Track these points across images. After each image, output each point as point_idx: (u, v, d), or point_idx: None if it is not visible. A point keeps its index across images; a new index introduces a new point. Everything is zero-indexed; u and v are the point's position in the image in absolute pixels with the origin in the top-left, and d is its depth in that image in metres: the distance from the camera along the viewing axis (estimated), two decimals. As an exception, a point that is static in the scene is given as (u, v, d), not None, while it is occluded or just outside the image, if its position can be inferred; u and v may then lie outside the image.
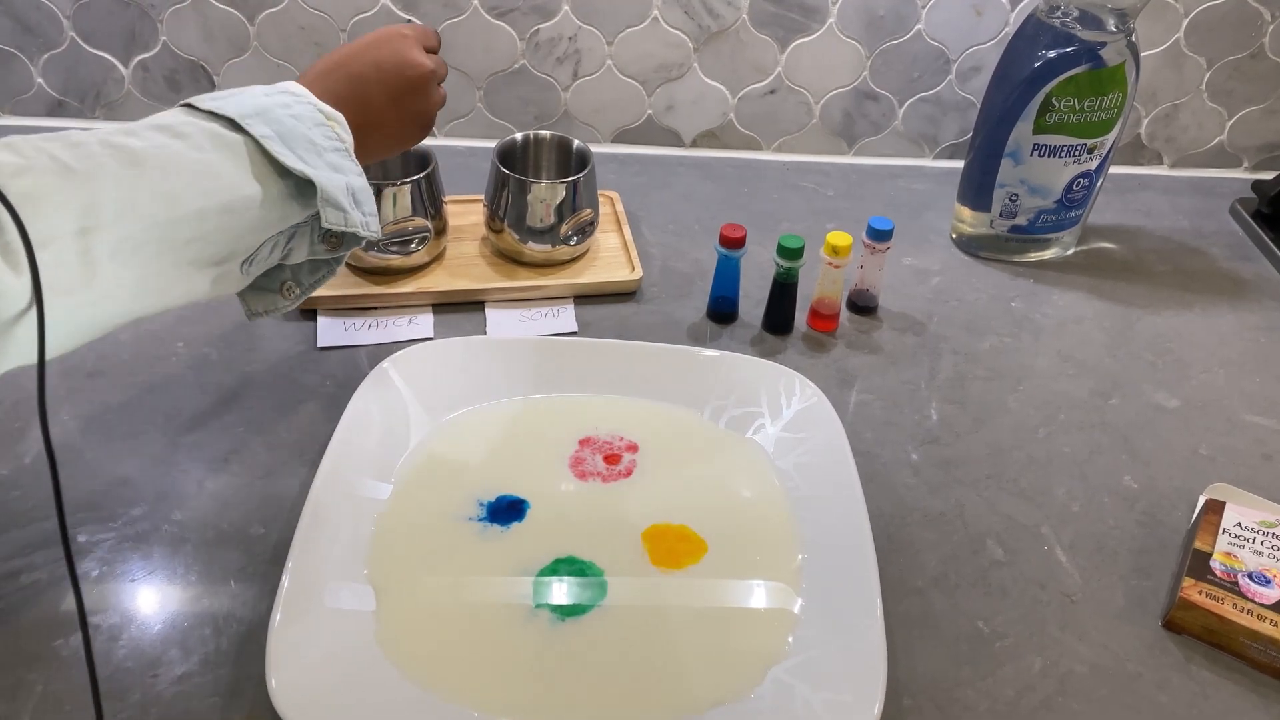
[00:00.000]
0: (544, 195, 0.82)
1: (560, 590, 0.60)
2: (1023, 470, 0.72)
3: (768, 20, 0.99)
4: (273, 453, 0.69)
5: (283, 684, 0.51)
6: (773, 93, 1.04)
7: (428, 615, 0.58)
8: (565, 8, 0.98)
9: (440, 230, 0.84)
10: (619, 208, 0.94)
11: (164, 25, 0.97)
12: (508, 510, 0.65)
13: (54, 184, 0.46)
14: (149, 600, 0.59)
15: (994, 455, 0.73)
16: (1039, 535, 0.67)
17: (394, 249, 0.81)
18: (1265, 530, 0.64)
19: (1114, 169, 1.00)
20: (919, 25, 1.00)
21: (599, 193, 0.89)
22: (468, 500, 0.65)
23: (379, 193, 0.79)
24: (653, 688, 0.55)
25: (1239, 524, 0.64)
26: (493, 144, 0.86)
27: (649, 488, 0.67)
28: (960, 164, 0.95)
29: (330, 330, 0.79)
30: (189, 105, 0.54)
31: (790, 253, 0.78)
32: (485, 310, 0.82)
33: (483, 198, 0.87)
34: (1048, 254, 0.95)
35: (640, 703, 0.55)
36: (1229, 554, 0.62)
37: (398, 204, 0.79)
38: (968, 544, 0.66)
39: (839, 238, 0.79)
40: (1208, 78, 1.05)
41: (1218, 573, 0.61)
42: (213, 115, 0.54)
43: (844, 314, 0.85)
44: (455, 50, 1.00)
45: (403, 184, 0.79)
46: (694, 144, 1.08)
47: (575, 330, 0.81)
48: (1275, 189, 1.00)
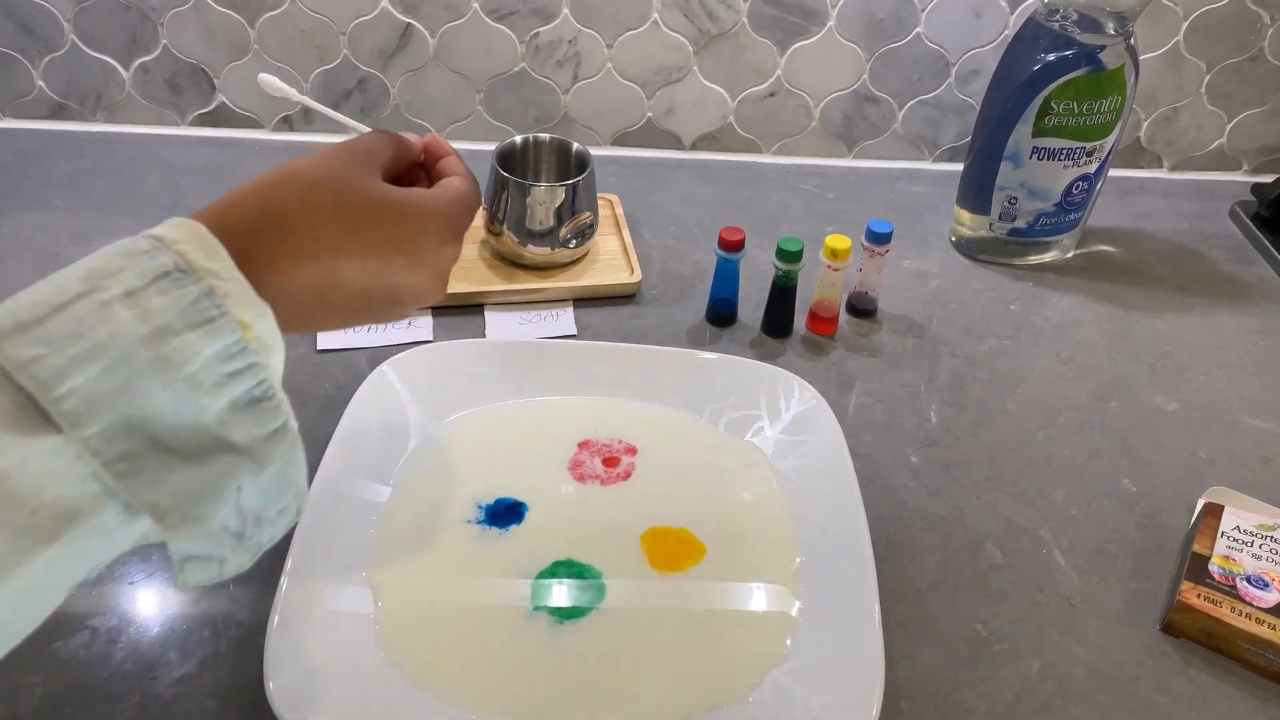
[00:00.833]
0: (543, 198, 0.82)
1: (559, 593, 0.60)
2: (1022, 473, 0.72)
3: (767, 23, 0.99)
4: (272, 455, 0.69)
5: (281, 686, 0.51)
6: (772, 95, 1.04)
7: (426, 618, 0.58)
8: (565, 11, 0.98)
9: (440, 233, 0.84)
10: (618, 210, 0.94)
11: (164, 28, 0.97)
12: (506, 513, 0.65)
13: None
14: (147, 603, 0.59)
15: (993, 458, 0.73)
16: (1038, 538, 0.67)
17: (393, 252, 0.81)
18: (1264, 534, 0.64)
19: (1114, 172, 1.00)
20: (918, 28, 1.00)
21: (599, 195, 0.89)
22: (466, 503, 0.65)
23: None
24: (651, 690, 0.55)
25: (1237, 527, 0.64)
26: (492, 147, 0.86)
27: (648, 490, 0.67)
28: (960, 167, 0.95)
29: (329, 333, 0.79)
30: None
31: (789, 255, 0.78)
32: (484, 313, 0.83)
33: (482, 200, 0.87)
34: (1047, 257, 0.95)
35: (638, 705, 0.55)
36: (1227, 557, 0.62)
37: (397, 207, 0.79)
38: (967, 547, 0.66)
39: (838, 240, 0.79)
40: (1207, 80, 1.05)
41: (1216, 576, 0.61)
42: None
43: (843, 317, 0.85)
44: (455, 53, 1.00)
45: (402, 187, 0.79)
46: (694, 147, 1.08)
47: (574, 333, 0.82)
48: (1275, 192, 1.00)
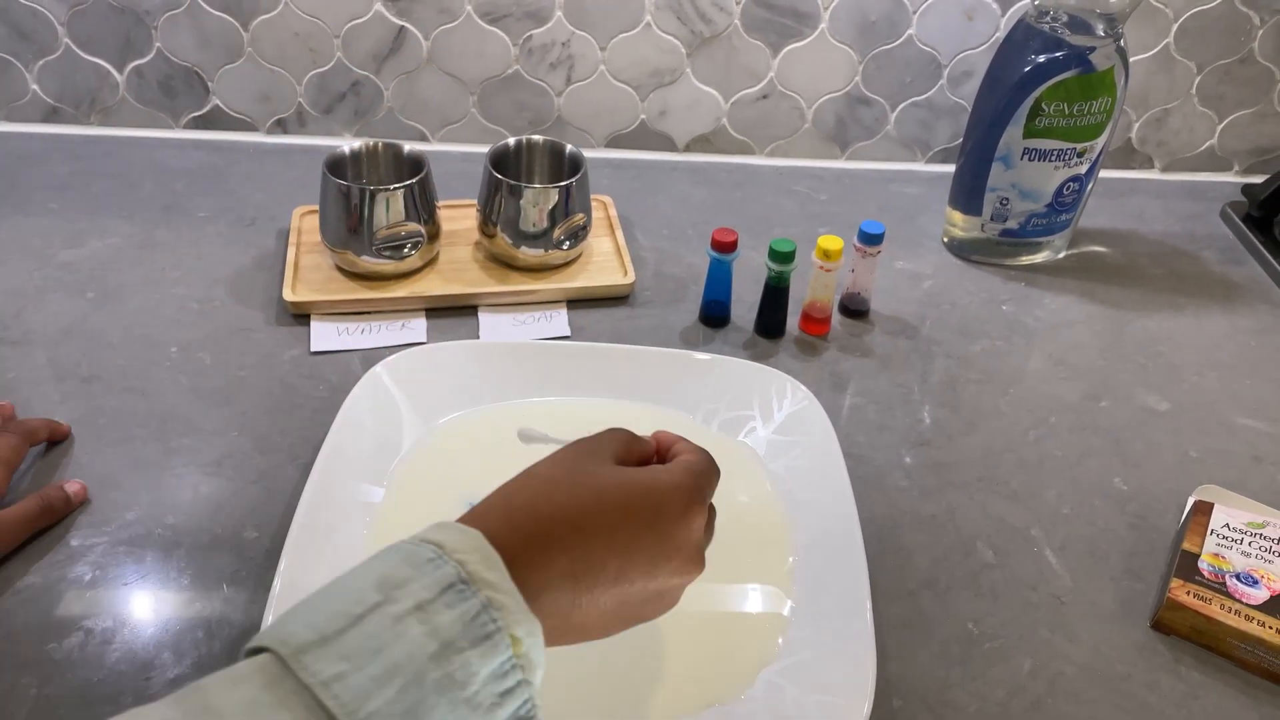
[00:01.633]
0: (537, 200, 0.83)
1: (552, 593, 0.60)
2: (1014, 473, 0.72)
3: (760, 25, 1.00)
4: (266, 457, 0.69)
5: (275, 687, 0.51)
6: (765, 98, 1.05)
7: (420, 618, 0.58)
8: (558, 13, 0.98)
9: (433, 235, 0.84)
10: (612, 212, 0.94)
11: (158, 31, 0.97)
12: (500, 514, 0.65)
13: None
14: (142, 604, 0.59)
15: (985, 458, 0.73)
16: (1030, 537, 0.67)
17: (387, 254, 0.81)
18: (1253, 531, 0.64)
19: (1105, 173, 1.00)
20: (910, 30, 1.01)
21: (592, 197, 0.89)
22: (460, 504, 0.64)
23: (371, 198, 0.79)
24: (644, 690, 0.56)
25: (1227, 525, 0.65)
26: (486, 149, 0.86)
27: (641, 491, 0.67)
28: (952, 168, 0.96)
29: (323, 335, 0.79)
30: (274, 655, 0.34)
31: (782, 257, 0.78)
32: (478, 314, 0.83)
33: (476, 202, 0.87)
34: (1039, 257, 0.95)
35: (632, 705, 0.55)
36: (1217, 555, 0.62)
37: (391, 209, 0.80)
38: (959, 546, 0.66)
39: (830, 241, 0.79)
40: (1198, 82, 1.05)
41: (1205, 573, 0.61)
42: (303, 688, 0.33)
43: (836, 318, 0.85)
44: (449, 56, 1.00)
45: (396, 189, 0.79)
46: (687, 149, 1.08)
47: (568, 334, 0.82)
48: (1265, 193, 1.01)
